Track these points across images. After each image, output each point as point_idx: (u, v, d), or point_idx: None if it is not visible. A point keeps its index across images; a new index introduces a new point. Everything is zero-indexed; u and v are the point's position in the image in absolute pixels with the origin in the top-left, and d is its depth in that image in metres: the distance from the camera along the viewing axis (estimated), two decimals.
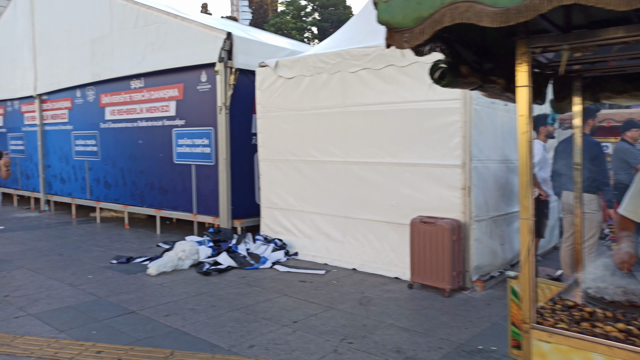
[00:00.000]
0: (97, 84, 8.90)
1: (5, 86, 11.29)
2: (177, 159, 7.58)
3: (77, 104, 9.46)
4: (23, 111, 11.02)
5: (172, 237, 7.53)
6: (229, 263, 5.61)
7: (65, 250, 6.58)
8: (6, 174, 5.77)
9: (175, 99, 7.53)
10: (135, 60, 7.86)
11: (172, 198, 7.73)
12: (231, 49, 6.60)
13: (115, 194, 8.83)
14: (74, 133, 9.60)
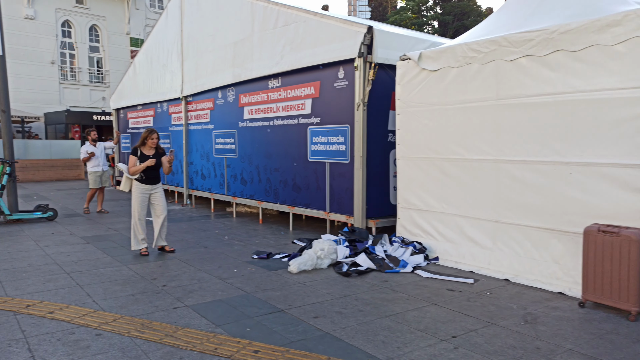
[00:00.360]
0: (237, 85, 9.31)
1: (157, 89, 12.42)
2: (312, 156, 7.59)
3: (218, 104, 10.02)
4: (170, 112, 12.02)
5: (305, 235, 7.55)
6: (368, 265, 5.40)
7: (210, 243, 6.91)
8: (168, 169, 6.19)
9: (311, 97, 7.54)
10: (274, 60, 8.04)
11: (306, 195, 7.77)
12: (371, 43, 6.39)
13: (250, 190, 9.17)
14: (215, 132, 10.19)
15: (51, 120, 25.82)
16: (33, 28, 26.33)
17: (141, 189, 6.07)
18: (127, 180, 6.13)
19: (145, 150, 6.12)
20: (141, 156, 6.03)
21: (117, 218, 9.26)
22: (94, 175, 10.02)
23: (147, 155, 6.07)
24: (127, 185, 6.18)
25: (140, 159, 6.00)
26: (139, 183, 6.05)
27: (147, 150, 6.12)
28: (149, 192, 6.11)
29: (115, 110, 15.57)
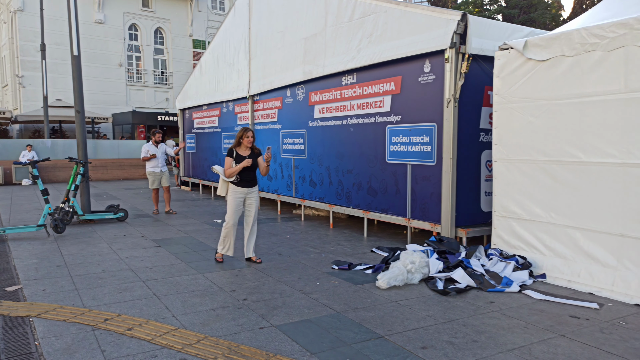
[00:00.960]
0: (307, 83, 8.91)
1: (223, 89, 12.28)
2: (390, 158, 7.03)
3: (286, 103, 9.66)
4: (236, 112, 11.83)
5: (382, 242, 7.00)
6: (467, 282, 4.77)
7: (283, 250, 6.51)
8: (266, 170, 5.83)
9: (390, 94, 6.98)
10: (349, 55, 7.55)
11: (382, 200, 7.22)
12: (464, 33, 5.74)
13: (320, 192, 8.73)
14: (283, 132, 9.84)
15: (118, 121, 26.73)
16: (102, 32, 27.37)
17: (237, 193, 5.72)
18: (224, 183, 5.79)
19: (241, 150, 5.80)
20: (236, 157, 5.72)
21: (186, 219, 9.11)
22: (152, 175, 9.98)
23: (242, 155, 5.75)
24: (223, 188, 5.81)
25: (235, 160, 5.69)
26: (235, 186, 5.71)
27: (242, 151, 5.80)
28: (244, 195, 5.78)
29: (180, 111, 15.68)
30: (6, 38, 27.11)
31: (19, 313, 3.87)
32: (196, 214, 9.79)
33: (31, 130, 25.57)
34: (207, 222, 8.76)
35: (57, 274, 5.17)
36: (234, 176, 5.68)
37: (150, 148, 9.96)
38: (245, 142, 5.74)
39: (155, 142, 10.02)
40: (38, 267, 5.48)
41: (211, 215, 9.70)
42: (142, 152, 9.93)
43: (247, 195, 5.79)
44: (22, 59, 25.14)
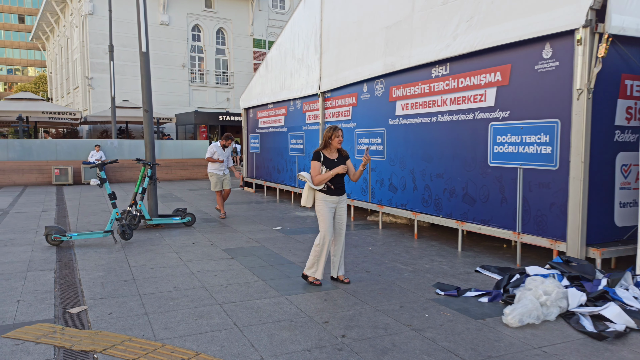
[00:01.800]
0: (388, 76, 8.03)
1: (290, 86, 11.63)
2: (494, 160, 6.02)
3: (362, 99, 8.83)
4: (305, 110, 11.13)
5: (481, 259, 6.01)
6: (624, 322, 3.73)
7: (370, 266, 5.68)
8: (359, 175, 5.05)
9: (495, 85, 5.97)
10: (443, 43, 6.60)
11: (482, 209, 6.22)
12: (603, 8, 4.66)
13: (401, 198, 7.83)
14: (357, 131, 9.01)
15: (181, 121, 26.97)
16: (166, 33, 27.73)
17: (328, 202, 4.91)
18: (310, 192, 4.97)
19: (329, 153, 5.03)
20: (324, 161, 4.95)
21: (254, 225, 8.49)
22: (215, 177, 9.50)
23: (331, 159, 4.99)
24: (309, 199, 4.98)
25: (324, 165, 4.94)
26: (325, 195, 4.91)
27: (330, 153, 5.03)
28: (335, 204, 4.99)
29: (244, 110, 15.24)
30: (77, 42, 28.08)
31: (83, 347, 3.27)
32: (264, 219, 9.16)
33: (99, 130, 26.29)
34: (277, 229, 8.10)
35: (125, 292, 4.61)
36: (323, 184, 4.90)
37: (217, 150, 9.47)
38: (334, 143, 4.96)
39: (223, 146, 9.51)
40: (104, 281, 4.96)
41: (280, 220, 9.04)
42: (208, 152, 9.45)
43: (338, 205, 5.01)
44: (91, 61, 25.89)
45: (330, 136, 4.97)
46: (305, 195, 5.01)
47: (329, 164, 4.91)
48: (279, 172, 12.66)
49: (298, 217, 9.55)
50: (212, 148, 9.47)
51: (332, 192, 4.93)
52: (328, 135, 4.98)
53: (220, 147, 9.52)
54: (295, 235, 7.57)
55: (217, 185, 9.50)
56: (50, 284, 4.88)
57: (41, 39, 41.84)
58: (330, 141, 4.97)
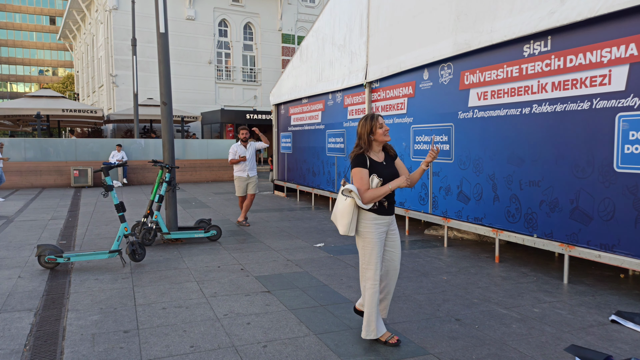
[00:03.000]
0: (459, 59, 6.48)
1: (329, 77, 10.16)
2: (623, 165, 4.42)
3: (422, 89, 7.29)
4: (346, 104, 9.65)
5: (602, 297, 4.40)
6: None
7: (457, 310, 4.15)
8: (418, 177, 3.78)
9: (626, 63, 4.37)
10: (544, 10, 5.02)
11: (603, 229, 4.62)
12: None
13: (475, 210, 6.27)
14: (415, 127, 7.48)
15: (207, 120, 25.86)
16: (192, 28, 26.66)
17: (379, 225, 3.45)
18: (354, 213, 3.40)
19: (374, 153, 3.56)
20: (371, 166, 3.48)
21: (291, 240, 7.05)
22: (239, 181, 8.26)
23: (377, 161, 3.53)
24: (353, 223, 3.40)
25: (372, 172, 3.47)
26: (376, 215, 3.45)
27: (375, 154, 3.57)
28: (387, 227, 3.53)
29: (275, 106, 13.85)
30: (102, 38, 27.30)
31: None
32: (301, 232, 7.72)
33: (123, 129, 25.40)
34: (319, 246, 6.64)
35: (122, 354, 3.22)
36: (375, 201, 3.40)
37: (238, 149, 8.14)
38: (379, 136, 3.49)
39: (242, 142, 8.19)
40: (97, 332, 3.59)
41: (319, 234, 7.58)
42: (230, 155, 8.22)
43: (390, 227, 3.55)
44: (115, 58, 25.01)
45: (371, 128, 3.48)
46: (348, 218, 3.37)
47: (377, 169, 3.47)
48: (315, 175, 11.22)
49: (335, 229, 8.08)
50: (233, 148, 8.20)
51: (385, 210, 3.47)
52: (367, 127, 3.49)
53: (241, 145, 8.21)
54: (342, 256, 6.10)
55: (241, 190, 8.26)
56: (23, 336, 3.53)
57: (68, 38, 41.55)
58: (372, 136, 3.49)
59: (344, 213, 3.37)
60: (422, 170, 3.53)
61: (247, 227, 8.16)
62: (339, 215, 3.41)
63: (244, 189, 8.26)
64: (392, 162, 3.61)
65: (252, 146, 8.44)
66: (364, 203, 3.37)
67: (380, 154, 3.57)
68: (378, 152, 3.56)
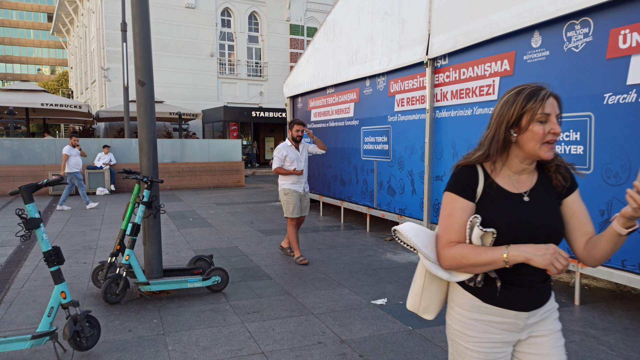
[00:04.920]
0: (599, 12, 4.07)
1: (367, 58, 7.75)
2: None
3: (528, 62, 4.86)
4: (393, 91, 7.24)
5: None
6: None
7: None
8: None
9: None
10: None
11: None
12: None
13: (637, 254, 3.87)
14: None
15: (208, 118, 23.50)
16: (193, 18, 24.30)
17: (479, 326, 1.58)
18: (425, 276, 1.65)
19: (508, 173, 1.63)
20: (487, 197, 1.58)
21: (333, 291, 4.64)
22: (293, 196, 5.79)
23: (508, 190, 1.61)
24: (422, 295, 1.67)
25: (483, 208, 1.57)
26: (473, 299, 1.59)
27: (513, 175, 1.63)
28: (508, 333, 1.59)
29: (290, 99, 11.45)
30: (94, 29, 24.96)
31: None
32: (343, 271, 5.32)
33: (116, 129, 23.04)
34: (380, 303, 4.23)
35: None
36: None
37: (289, 152, 5.75)
38: (532, 139, 1.54)
39: (294, 141, 5.80)
40: None
41: (369, 272, 5.18)
42: (275, 160, 5.80)
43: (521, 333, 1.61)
44: (107, 50, 22.65)
45: (520, 115, 1.54)
46: (416, 286, 1.70)
47: (501, 205, 1.59)
48: (344, 184, 8.83)
49: (396, 265, 5.68)
50: (280, 151, 5.77)
51: (502, 297, 1.57)
52: (513, 111, 1.55)
53: (292, 147, 5.81)
54: (426, 329, 3.70)
55: (295, 210, 5.76)
56: None
57: (62, 32, 39.24)
58: (515, 133, 1.58)
59: (416, 275, 1.73)
60: (615, 237, 1.46)
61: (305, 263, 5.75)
62: (414, 285, 1.73)
63: (298, 208, 5.80)
64: (556, 198, 1.63)
65: (305, 149, 6.05)
66: (443, 266, 1.61)
67: (525, 177, 1.64)
68: (520, 172, 1.64)
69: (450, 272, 1.60)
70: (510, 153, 1.61)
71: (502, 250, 1.48)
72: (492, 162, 1.62)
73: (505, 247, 1.48)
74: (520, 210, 1.56)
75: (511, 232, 1.52)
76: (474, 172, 1.62)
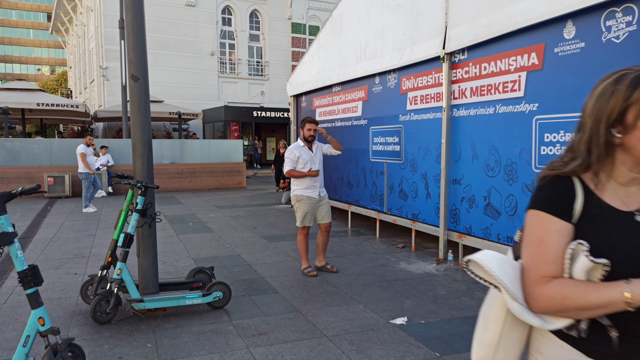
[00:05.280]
0: None
1: (375, 53, 7.31)
2: None
3: (560, 55, 4.43)
4: (405, 89, 6.81)
5: None
6: None
7: None
8: None
9: None
10: None
11: None
12: None
13: None
14: (541, 119, 4.62)
15: (209, 118, 23.07)
16: (193, 16, 23.87)
17: None
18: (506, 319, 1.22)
19: (615, 186, 1.20)
20: (589, 217, 1.16)
21: (346, 307, 4.21)
22: (305, 203, 5.23)
23: (616, 208, 1.16)
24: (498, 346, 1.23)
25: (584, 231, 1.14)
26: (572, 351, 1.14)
27: (621, 188, 1.20)
28: None
29: (293, 98, 11.02)
30: (93, 28, 24.55)
31: None
32: (355, 284, 4.88)
33: (115, 129, 22.61)
34: (400, 323, 3.80)
35: None
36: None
37: (302, 153, 5.26)
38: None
39: (305, 140, 5.32)
40: None
41: (385, 286, 4.74)
42: (287, 162, 5.27)
43: None
44: (106, 48, 22.22)
45: (625, 107, 1.11)
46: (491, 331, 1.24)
47: (608, 226, 1.14)
48: (351, 187, 8.40)
49: (412, 276, 5.24)
50: (292, 152, 5.23)
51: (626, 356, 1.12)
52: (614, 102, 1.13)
53: (305, 147, 5.30)
54: (458, 357, 3.26)
55: (307, 218, 5.24)
56: None
57: (61, 32, 38.83)
58: (618, 132, 1.14)
59: (487, 316, 1.29)
60: None
61: (335, 271, 5.34)
62: (481, 317, 1.33)
63: (311, 216, 5.28)
64: None
65: (319, 150, 5.47)
66: (534, 310, 1.17)
67: (634, 189, 1.21)
68: (628, 183, 1.22)
69: (543, 318, 1.18)
70: (614, 159, 1.20)
71: (622, 287, 1.06)
72: (594, 174, 1.20)
73: (624, 283, 1.07)
74: (636, 235, 1.15)
75: (630, 262, 1.11)
76: (570, 185, 1.20)
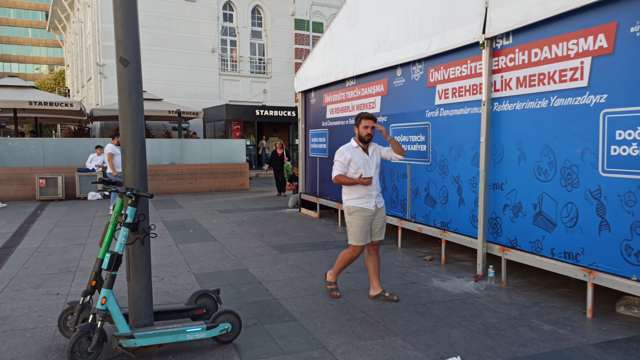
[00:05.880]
0: None
1: (397, 43, 6.53)
2: None
3: (632, 35, 3.68)
4: (433, 81, 6.04)
5: None
6: None
7: None
8: None
9: None
10: None
11: None
12: None
13: None
14: (611, 112, 3.86)
15: (210, 117, 22.30)
16: (193, 12, 23.10)
17: None
18: None
19: None
20: None
21: (381, 341, 3.44)
22: (360, 216, 4.29)
23: None
24: None
25: None
26: None
27: None
28: None
29: (301, 94, 10.26)
30: (90, 24, 23.78)
31: None
32: (384, 304, 4.12)
33: (112, 128, 21.83)
34: (445, 357, 3.05)
35: None
36: None
37: (354, 155, 4.36)
38: None
39: (361, 141, 4.43)
40: None
41: (421, 310, 3.98)
42: (337, 166, 4.38)
43: None
44: (103, 45, 21.45)
45: None
46: None
47: None
48: None
49: (451, 297, 4.47)
50: (342, 154, 4.37)
51: None
52: None
53: (358, 149, 4.41)
54: None
55: (363, 235, 4.30)
56: None
57: (58, 29, 38.05)
58: None
59: None
60: None
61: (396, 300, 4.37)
62: None
63: (366, 232, 4.34)
64: None
65: (377, 153, 4.58)
66: None
67: None
68: None
69: None
70: None
71: None
72: None
73: None
74: None
75: None
76: None
